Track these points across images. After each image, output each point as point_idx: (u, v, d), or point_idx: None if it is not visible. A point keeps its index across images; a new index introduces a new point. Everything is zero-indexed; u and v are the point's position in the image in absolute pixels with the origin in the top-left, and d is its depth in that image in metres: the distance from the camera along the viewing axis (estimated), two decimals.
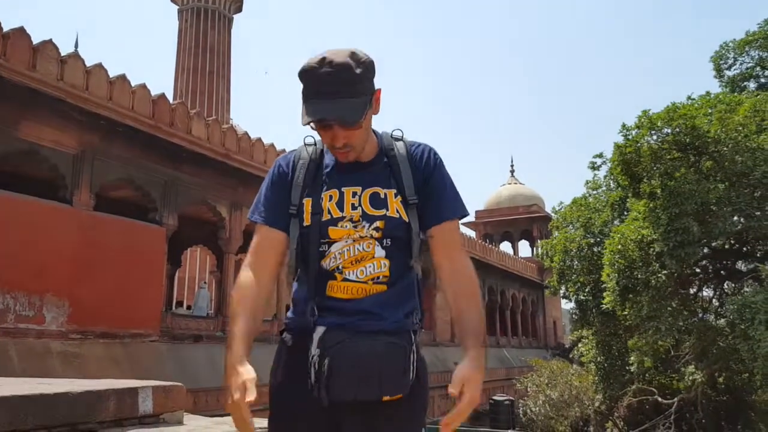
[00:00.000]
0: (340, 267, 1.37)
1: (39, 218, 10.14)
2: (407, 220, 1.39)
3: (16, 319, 9.60)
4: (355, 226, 1.37)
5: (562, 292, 17.78)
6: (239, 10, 32.55)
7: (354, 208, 1.38)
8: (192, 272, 25.59)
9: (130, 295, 11.39)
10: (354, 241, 1.37)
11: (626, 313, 13.19)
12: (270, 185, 1.48)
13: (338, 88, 1.29)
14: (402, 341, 1.31)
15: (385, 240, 1.38)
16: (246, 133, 15.28)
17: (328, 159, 1.45)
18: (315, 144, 1.48)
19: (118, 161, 11.74)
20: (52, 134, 10.49)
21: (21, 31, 9.88)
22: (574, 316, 19.14)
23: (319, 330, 1.31)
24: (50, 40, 10.36)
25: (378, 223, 1.37)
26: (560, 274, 16.84)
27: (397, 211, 1.39)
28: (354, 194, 1.39)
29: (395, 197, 1.40)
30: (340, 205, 1.39)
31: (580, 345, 18.14)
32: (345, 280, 1.36)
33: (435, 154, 1.48)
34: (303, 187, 1.42)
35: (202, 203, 13.86)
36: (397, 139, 1.48)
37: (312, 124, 1.33)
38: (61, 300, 10.25)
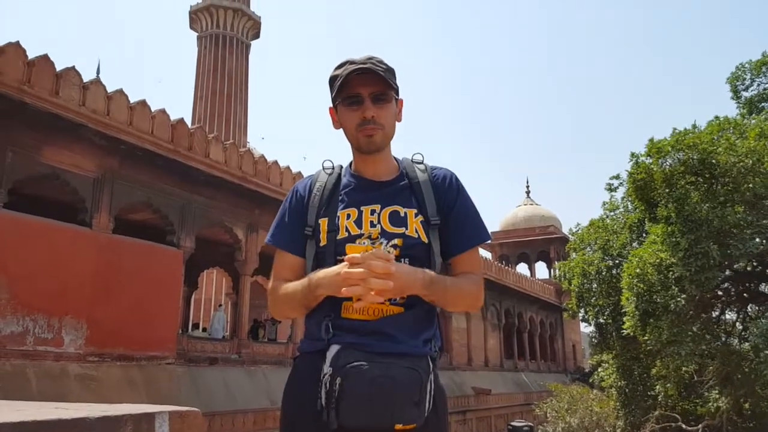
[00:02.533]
0: None
1: (59, 241, 10.30)
2: (427, 241, 1.39)
3: (35, 342, 9.69)
4: (373, 243, 1.37)
5: (581, 315, 17.53)
6: (256, 36, 33.19)
7: (373, 225, 1.39)
8: (208, 294, 25.70)
9: (147, 317, 11.46)
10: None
11: (647, 338, 12.94)
12: (287, 209, 1.50)
13: (374, 64, 1.39)
14: (419, 368, 1.26)
15: (403, 259, 1.36)
16: (262, 156, 15.45)
17: (346, 180, 1.47)
18: (333, 167, 1.51)
19: (137, 184, 11.91)
20: (73, 158, 10.70)
21: (45, 59, 10.16)
22: (593, 339, 18.82)
23: (333, 349, 1.29)
24: (73, 67, 10.63)
25: (396, 241, 1.37)
26: (579, 296, 16.63)
27: (416, 231, 1.38)
28: (373, 212, 1.40)
29: (415, 217, 1.40)
30: (358, 222, 1.39)
31: (600, 369, 17.79)
32: (358, 300, 1.32)
33: (457, 179, 1.49)
34: (319, 208, 1.44)
35: (218, 225, 13.97)
36: (418, 163, 1.50)
37: (341, 104, 1.40)
38: (80, 322, 10.34)
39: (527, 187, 44.56)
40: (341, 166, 1.52)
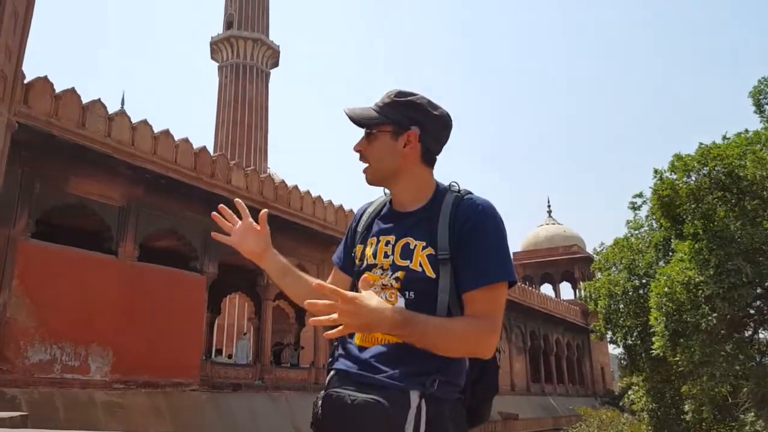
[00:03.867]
0: None
1: (86, 269, 10.47)
2: (433, 276, 1.32)
3: (62, 370, 9.80)
4: (383, 275, 1.38)
5: (608, 336, 17.19)
6: (276, 65, 33.83)
7: (386, 256, 1.39)
8: (231, 319, 25.78)
9: (172, 344, 11.53)
10: (381, 288, 1.37)
11: (678, 358, 12.60)
12: (348, 230, 1.59)
13: (381, 101, 1.44)
14: (391, 401, 1.19)
15: (406, 292, 1.34)
16: (283, 182, 15.60)
17: (385, 209, 1.50)
18: (385, 196, 1.54)
19: (161, 212, 12.10)
20: (99, 188, 10.93)
21: (71, 92, 10.47)
22: (622, 361, 18.40)
23: (330, 373, 1.36)
24: (99, 100, 10.93)
25: (399, 274, 1.36)
26: (606, 318, 16.32)
27: (420, 265, 1.33)
28: (388, 243, 1.40)
29: (423, 250, 1.35)
30: (375, 253, 1.41)
31: (630, 392, 17.35)
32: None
33: (484, 210, 1.35)
34: (361, 234, 1.50)
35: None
36: (453, 191, 1.41)
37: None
38: (106, 349, 10.44)
39: (549, 206, 44.20)
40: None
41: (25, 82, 9.61)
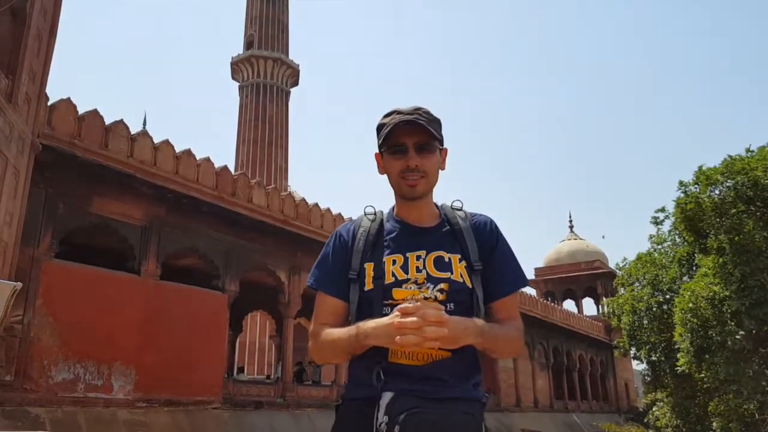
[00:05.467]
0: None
1: (109, 288, 10.59)
2: (471, 286, 1.42)
3: (85, 388, 9.87)
4: (420, 288, 1.39)
5: (632, 352, 16.88)
6: (296, 83, 34.24)
7: (419, 270, 1.42)
8: (252, 337, 25.84)
9: (194, 362, 11.56)
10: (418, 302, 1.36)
11: (703, 375, 12.30)
12: (329, 253, 1.52)
13: (420, 115, 1.44)
14: (475, 412, 1.30)
15: (448, 304, 1.37)
16: (303, 199, 15.68)
17: (390, 226, 1.51)
18: (375, 213, 1.55)
19: (183, 231, 12.22)
20: (121, 208, 11.08)
21: (94, 113, 10.67)
22: (646, 377, 18.02)
23: (386, 396, 1.28)
24: (121, 120, 11.13)
25: (442, 285, 1.39)
26: (630, 334, 16.06)
27: (461, 276, 1.41)
28: (418, 257, 1.43)
29: (459, 262, 1.43)
30: (404, 268, 1.42)
31: (654, 408, 16.98)
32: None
33: (496, 225, 1.53)
34: (364, 253, 1.47)
35: (262, 269, 14.14)
36: (457, 209, 1.54)
37: (386, 151, 1.46)
38: (128, 368, 10.50)
39: (570, 221, 43.71)
40: (382, 212, 1.56)
41: (49, 103, 9.83)
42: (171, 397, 11.11)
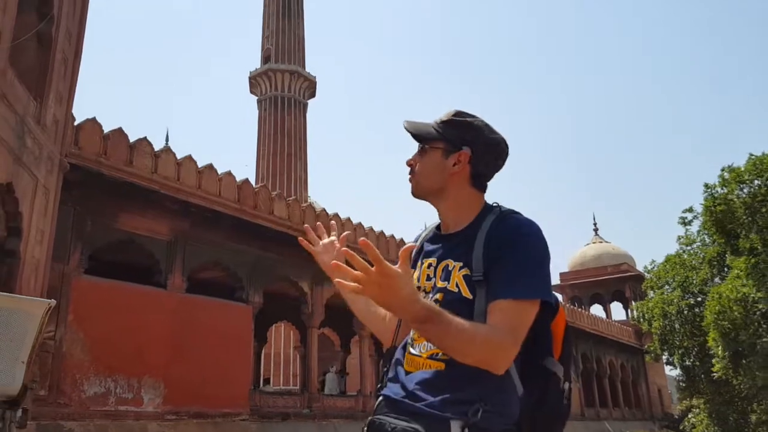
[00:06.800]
0: (411, 339, 1.38)
1: (136, 302, 10.75)
2: (470, 297, 1.28)
3: (116, 402, 10.01)
4: (425, 297, 1.34)
5: (664, 357, 16.52)
6: (313, 95, 34.52)
7: (429, 279, 1.40)
8: (277, 348, 25.94)
9: (221, 374, 11.64)
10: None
11: (740, 380, 11.96)
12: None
13: (430, 121, 1.46)
14: (429, 429, 1.16)
15: None
16: (324, 210, 15.76)
17: (432, 233, 1.51)
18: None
19: (207, 245, 12.36)
20: (147, 223, 11.26)
21: (119, 131, 10.90)
22: (681, 383, 17.58)
23: (378, 399, 1.35)
24: (145, 138, 11.35)
25: (437, 296, 1.34)
26: (661, 338, 15.71)
27: (457, 286, 1.31)
28: (430, 266, 1.41)
29: (459, 270, 1.33)
30: (419, 276, 1.42)
31: (690, 415, 16.55)
32: (410, 353, 1.36)
33: (519, 226, 1.32)
34: (413, 259, 1.49)
35: (284, 280, 14.21)
36: (494, 212, 1.38)
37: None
38: (157, 381, 10.62)
39: (594, 223, 43.10)
40: None
41: (75, 124, 10.07)
42: (199, 409, 11.19)
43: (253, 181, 14.88)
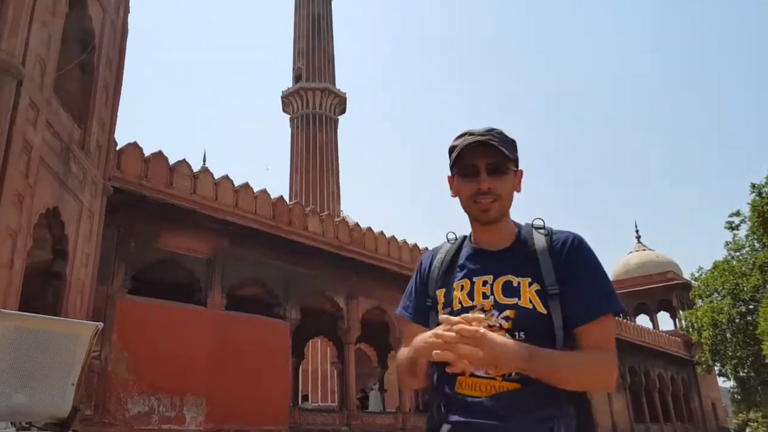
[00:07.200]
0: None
1: (178, 321, 10.94)
2: (544, 312, 1.30)
3: (159, 420, 10.15)
4: (487, 315, 1.32)
5: (716, 369, 15.85)
6: (343, 111, 34.95)
7: (485, 297, 1.35)
8: (314, 364, 25.99)
9: (260, 391, 11.70)
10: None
11: None
12: (413, 281, 1.54)
13: (493, 136, 1.39)
14: None
15: (517, 333, 1.30)
16: (357, 224, 15.78)
17: (465, 251, 1.47)
18: (456, 239, 1.52)
19: (244, 262, 12.53)
20: (186, 242, 11.50)
21: (159, 155, 11.21)
22: (735, 395, 16.82)
23: (444, 428, 1.28)
24: (184, 160, 11.63)
25: (508, 312, 1.32)
26: (712, 348, 15.09)
27: (531, 301, 1.31)
28: (485, 283, 1.37)
29: (529, 286, 1.33)
30: (470, 294, 1.37)
31: (748, 430, 15.76)
32: (473, 375, 1.29)
33: (580, 242, 1.38)
34: (437, 279, 1.45)
35: (320, 295, 14.26)
36: (538, 228, 1.42)
37: (457, 174, 1.41)
38: (199, 399, 10.74)
39: (637, 231, 41.93)
40: (464, 237, 1.52)
41: (117, 148, 10.39)
42: (240, 426, 11.26)
43: (286, 196, 15.08)
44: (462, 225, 1.56)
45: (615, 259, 41.27)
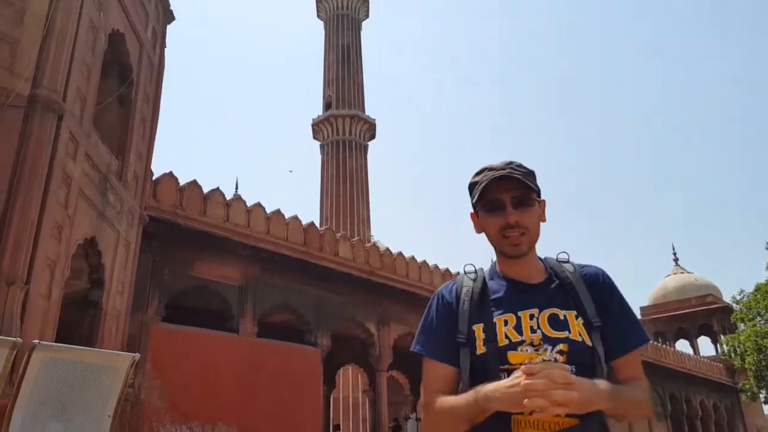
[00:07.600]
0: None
1: (210, 348, 10.99)
2: (591, 344, 1.33)
3: None
4: (537, 350, 1.31)
5: (762, 396, 15.15)
6: (373, 137, 35.29)
7: (533, 331, 1.34)
8: (345, 392, 25.74)
9: (291, 420, 11.62)
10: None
11: None
12: (434, 316, 1.47)
13: (514, 169, 1.40)
14: None
15: (569, 366, 1.26)
16: (387, 249, 15.75)
17: (495, 285, 1.44)
18: (476, 272, 1.49)
19: (275, 288, 12.59)
20: (219, 270, 11.63)
21: (193, 183, 11.44)
22: None
23: None
24: (217, 188, 11.84)
25: (561, 346, 1.31)
26: (757, 374, 14.48)
27: (580, 334, 1.33)
28: (531, 317, 1.35)
29: (576, 319, 1.34)
30: (518, 328, 1.35)
31: None
32: (533, 412, 1.23)
33: (608, 276, 1.45)
34: (470, 314, 1.40)
35: (351, 321, 14.20)
36: (564, 262, 1.46)
37: (482, 209, 1.41)
38: (230, 428, 10.71)
39: (674, 253, 40.84)
40: (483, 269, 1.50)
41: (153, 178, 10.65)
42: None
43: (317, 222, 15.16)
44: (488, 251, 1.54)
45: (652, 283, 40.31)
